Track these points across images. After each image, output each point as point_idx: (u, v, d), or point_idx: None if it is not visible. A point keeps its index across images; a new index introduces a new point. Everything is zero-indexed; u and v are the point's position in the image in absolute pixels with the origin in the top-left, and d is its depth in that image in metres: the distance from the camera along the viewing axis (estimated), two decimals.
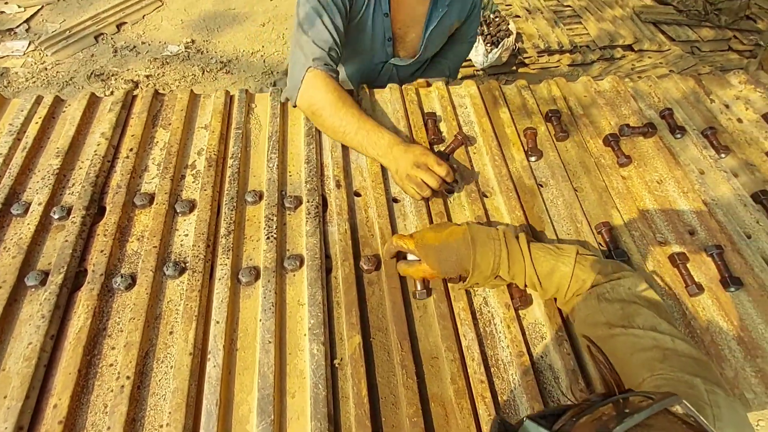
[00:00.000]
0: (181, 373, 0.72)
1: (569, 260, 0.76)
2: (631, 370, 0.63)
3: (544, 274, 0.76)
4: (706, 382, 0.57)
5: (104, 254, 0.83)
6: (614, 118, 1.19)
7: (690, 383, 0.57)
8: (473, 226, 0.80)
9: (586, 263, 0.76)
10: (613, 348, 0.67)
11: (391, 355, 0.77)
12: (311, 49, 1.07)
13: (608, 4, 3.36)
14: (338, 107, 1.01)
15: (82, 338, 0.74)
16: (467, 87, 1.23)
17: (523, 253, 0.77)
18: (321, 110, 1.02)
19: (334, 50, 1.10)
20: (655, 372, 0.60)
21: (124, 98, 1.09)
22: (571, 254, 0.77)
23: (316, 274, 0.84)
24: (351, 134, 1.01)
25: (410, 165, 0.95)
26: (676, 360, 0.61)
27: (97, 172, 0.94)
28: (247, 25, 3.13)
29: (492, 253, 0.76)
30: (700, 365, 0.61)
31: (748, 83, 1.33)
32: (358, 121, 1.01)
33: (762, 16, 3.46)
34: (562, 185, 1.04)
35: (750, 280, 0.91)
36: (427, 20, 1.30)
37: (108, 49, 2.82)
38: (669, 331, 0.66)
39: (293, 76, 1.08)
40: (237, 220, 0.92)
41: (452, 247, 0.77)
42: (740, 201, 1.05)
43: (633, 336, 0.66)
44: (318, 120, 1.05)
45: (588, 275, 0.75)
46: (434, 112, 1.17)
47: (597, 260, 0.77)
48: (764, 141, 1.18)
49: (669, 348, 0.63)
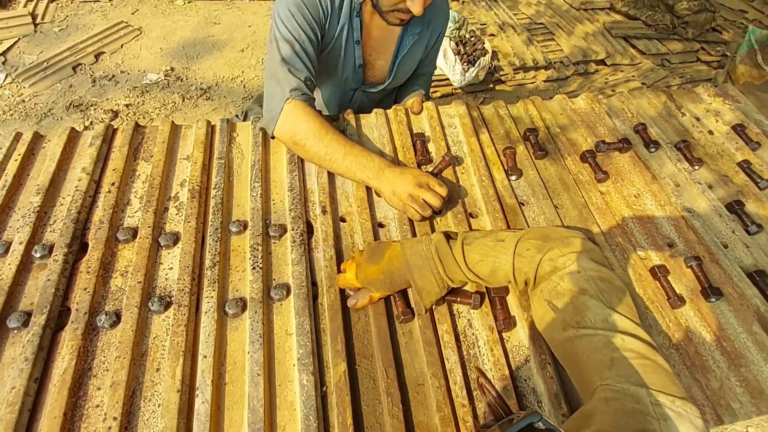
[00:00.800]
0: (170, 411, 0.71)
1: (507, 257, 0.76)
2: (589, 373, 0.64)
3: (486, 275, 0.78)
4: (650, 394, 0.58)
5: (88, 292, 0.83)
6: (590, 135, 1.22)
7: (636, 397, 0.58)
8: (407, 248, 0.81)
9: (526, 253, 0.75)
10: (572, 351, 0.68)
11: (377, 383, 0.77)
12: (287, 80, 1.07)
13: (579, 21, 3.46)
14: (322, 135, 1.03)
15: (67, 380, 0.73)
16: (456, 107, 1.26)
17: (458, 261, 0.78)
18: (304, 139, 1.03)
19: (309, 80, 1.11)
20: (603, 381, 0.61)
21: (105, 132, 1.09)
22: (509, 248, 0.76)
23: (304, 303, 0.84)
24: (338, 160, 1.02)
25: (412, 185, 0.96)
26: (622, 367, 0.62)
27: (79, 208, 0.94)
28: (226, 52, 3.15)
29: (430, 272, 0.78)
30: (645, 368, 0.61)
31: (716, 96, 1.38)
32: (344, 146, 1.02)
33: (727, 27, 3.59)
34: (543, 203, 1.06)
35: (729, 289, 0.94)
36: (398, 47, 1.33)
37: (87, 79, 2.81)
38: (619, 325, 0.66)
39: (270, 108, 1.09)
40: (222, 251, 0.91)
41: (395, 272, 0.81)
42: (716, 212, 1.08)
43: (586, 337, 0.66)
44: (302, 149, 1.05)
45: (530, 266, 0.75)
46: (423, 132, 1.18)
47: (539, 245, 0.76)
48: (735, 152, 1.22)
49: (617, 348, 0.63)
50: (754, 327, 0.89)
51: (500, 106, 1.29)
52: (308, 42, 1.12)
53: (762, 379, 0.83)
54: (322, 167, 1.06)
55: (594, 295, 0.69)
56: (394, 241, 0.88)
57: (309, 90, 1.11)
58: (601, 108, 1.30)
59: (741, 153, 1.22)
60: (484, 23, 3.40)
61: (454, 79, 2.81)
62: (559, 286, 0.72)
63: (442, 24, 1.39)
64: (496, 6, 3.60)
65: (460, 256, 0.78)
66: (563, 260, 0.74)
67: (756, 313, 0.91)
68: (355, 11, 1.19)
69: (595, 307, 0.68)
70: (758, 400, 0.81)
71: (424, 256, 0.80)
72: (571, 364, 0.70)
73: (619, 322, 0.67)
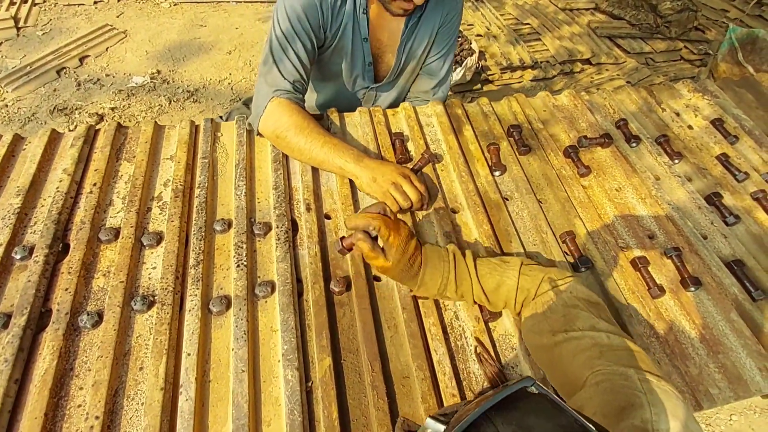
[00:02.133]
0: (153, 410, 0.70)
1: (513, 273, 0.79)
2: (576, 372, 0.66)
3: (491, 289, 0.80)
4: (639, 371, 0.60)
5: (69, 292, 0.82)
6: (572, 131, 1.23)
7: (624, 375, 0.60)
8: (426, 247, 0.83)
9: (530, 273, 0.79)
10: (559, 355, 0.70)
11: (362, 377, 0.77)
12: (276, 81, 1.10)
13: (565, 22, 3.49)
14: (302, 127, 1.04)
15: (48, 380, 0.72)
16: (433, 106, 1.26)
17: (470, 272, 0.81)
18: (285, 131, 1.04)
19: (299, 82, 1.12)
20: (594, 369, 0.63)
21: (87, 133, 1.08)
22: (515, 267, 0.80)
23: (288, 300, 0.84)
24: (317, 150, 1.03)
25: (396, 174, 0.99)
26: (611, 354, 0.65)
27: (60, 209, 0.93)
28: (213, 54, 3.14)
29: (440, 275, 0.80)
30: (632, 356, 0.64)
31: (696, 92, 1.40)
32: (324, 136, 1.04)
33: (709, 26, 3.64)
34: (527, 198, 1.07)
35: (708, 279, 0.95)
36: (402, 36, 1.28)
37: (71, 83, 2.79)
38: (605, 328, 0.69)
39: (257, 105, 1.10)
40: (206, 249, 0.91)
41: (416, 263, 0.81)
42: (695, 204, 1.09)
43: (574, 339, 0.69)
44: (283, 142, 1.06)
45: (532, 284, 0.78)
46: (401, 132, 1.19)
47: (540, 268, 0.81)
48: (714, 146, 1.24)
49: (605, 344, 0.67)
50: (732, 315, 0.90)
51: (484, 103, 1.30)
52: (302, 48, 1.12)
53: (739, 366, 0.84)
54: (303, 160, 1.07)
55: (584, 309, 0.73)
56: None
57: (298, 91, 1.12)
58: (583, 104, 1.32)
59: (719, 146, 1.24)
60: (471, 24, 3.42)
61: None
62: (552, 301, 0.75)
63: (449, 10, 1.30)
64: (482, 6, 3.63)
65: (471, 266, 0.81)
66: (560, 282, 0.78)
67: (734, 301, 0.93)
68: (361, 8, 1.18)
69: (585, 317, 0.72)
70: (736, 386, 0.82)
71: (442, 257, 0.81)
72: (556, 367, 0.72)
73: (605, 326, 0.70)
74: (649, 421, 0.52)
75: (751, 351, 0.86)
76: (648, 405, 0.54)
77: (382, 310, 0.87)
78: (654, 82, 3.10)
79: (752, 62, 2.79)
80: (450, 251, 0.83)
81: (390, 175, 0.99)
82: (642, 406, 0.54)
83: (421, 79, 1.44)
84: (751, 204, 1.12)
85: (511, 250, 0.97)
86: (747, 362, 0.85)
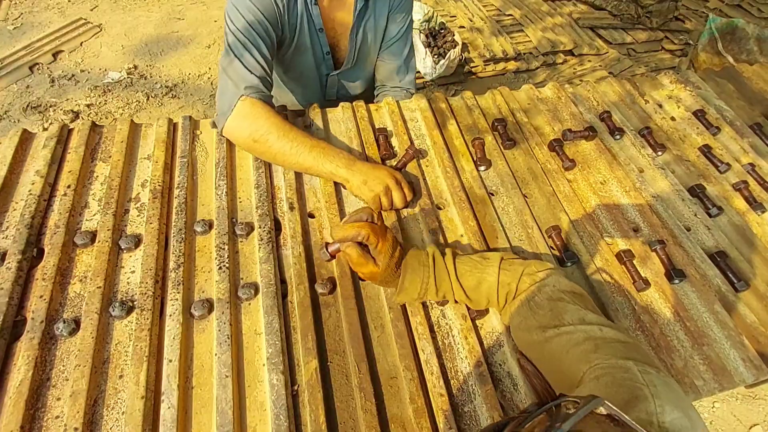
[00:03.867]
0: (134, 419, 0.68)
1: (493, 270, 0.79)
2: (571, 366, 0.65)
3: (471, 287, 0.79)
4: (638, 363, 0.60)
5: (44, 299, 0.79)
6: (557, 124, 1.23)
7: (624, 367, 0.60)
8: (410, 253, 0.83)
9: (510, 268, 0.79)
10: (550, 350, 0.70)
11: (349, 379, 0.76)
12: (243, 77, 1.04)
13: (548, 13, 3.49)
14: (285, 130, 1.00)
15: (24, 391, 0.70)
16: (417, 101, 1.25)
17: (449, 272, 0.80)
18: (266, 135, 1.00)
19: (265, 79, 1.08)
20: (591, 363, 0.63)
21: (59, 133, 1.04)
22: (495, 263, 0.80)
23: (272, 302, 0.83)
24: (304, 154, 0.99)
25: (390, 178, 0.98)
26: (607, 348, 0.64)
27: (33, 212, 0.90)
28: (192, 48, 3.07)
29: (420, 279, 0.80)
30: (628, 348, 0.64)
31: (678, 83, 1.40)
32: (310, 140, 1.01)
33: (690, 16, 3.67)
34: (512, 193, 1.06)
35: (692, 271, 0.96)
36: (354, 22, 1.28)
37: (45, 79, 2.71)
38: (596, 321, 0.70)
39: (221, 105, 1.04)
40: (186, 252, 0.89)
41: (398, 267, 0.81)
42: (678, 196, 1.10)
43: (565, 334, 0.68)
44: (262, 147, 1.01)
45: (513, 278, 0.78)
46: (385, 127, 1.17)
47: (521, 262, 0.81)
48: (696, 137, 1.25)
49: (599, 337, 0.66)
50: (715, 306, 0.91)
51: (468, 97, 1.28)
52: (261, 41, 1.09)
53: (723, 357, 0.85)
54: (285, 164, 1.03)
55: (570, 302, 0.73)
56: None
57: (265, 88, 1.07)
58: (567, 97, 1.31)
59: (702, 138, 1.25)
60: (454, 15, 3.40)
61: (425, 71, 2.80)
62: (536, 296, 0.75)
63: None
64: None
65: (451, 266, 0.81)
66: (541, 275, 0.77)
67: (717, 292, 0.94)
68: (311, 0, 1.18)
69: (573, 310, 0.72)
70: (720, 377, 0.83)
71: (422, 262, 0.81)
72: (550, 363, 0.72)
73: (595, 319, 0.70)
74: (654, 413, 0.52)
75: (734, 342, 0.87)
76: (652, 397, 0.54)
77: (369, 310, 0.85)
78: (636, 73, 3.12)
79: (731, 52, 2.82)
80: (429, 254, 0.83)
81: (381, 180, 0.97)
82: (646, 398, 0.54)
83: (383, 64, 1.45)
84: (733, 195, 1.13)
85: (497, 246, 0.96)
86: (731, 353, 0.86)
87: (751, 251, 1.03)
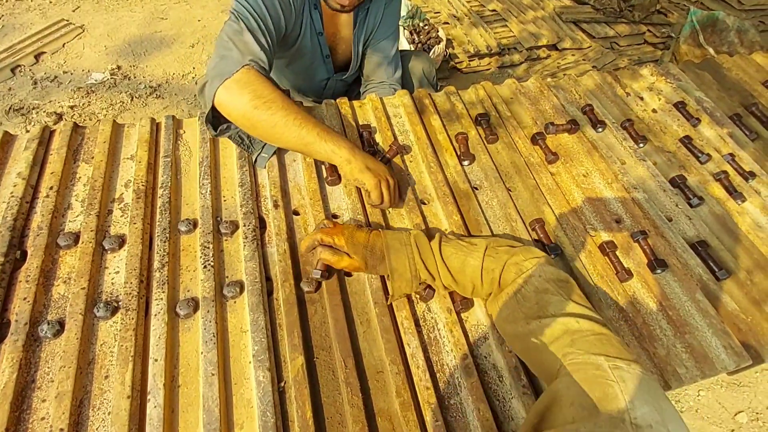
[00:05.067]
0: (120, 419, 0.68)
1: (478, 254, 0.81)
2: (550, 359, 0.67)
3: (456, 269, 0.81)
4: (609, 358, 0.62)
5: (27, 301, 0.79)
6: (540, 117, 1.24)
7: (596, 364, 0.61)
8: (387, 233, 0.86)
9: (495, 254, 0.81)
10: (534, 344, 0.71)
11: (336, 374, 0.77)
12: (251, 49, 0.99)
13: (530, 7, 3.50)
14: (289, 104, 0.96)
15: (8, 394, 0.70)
16: (401, 97, 1.25)
17: (434, 252, 0.82)
18: (269, 104, 0.94)
19: (269, 64, 1.04)
20: (566, 359, 0.64)
21: (41, 134, 1.03)
22: (481, 248, 0.82)
23: (258, 299, 0.83)
24: (308, 127, 0.95)
25: (387, 174, 0.99)
26: (582, 342, 0.66)
27: (15, 214, 0.89)
28: (175, 48, 3.05)
29: (405, 256, 0.82)
30: (602, 342, 0.66)
31: (658, 75, 1.42)
32: (314, 119, 0.99)
33: (671, 10, 3.71)
34: (496, 186, 1.07)
35: (674, 261, 0.97)
36: (356, 30, 1.33)
37: (27, 81, 2.67)
38: (576, 311, 0.71)
39: (221, 68, 0.96)
40: (171, 251, 0.89)
41: (376, 248, 0.84)
42: (660, 187, 1.11)
43: (546, 326, 0.70)
44: (262, 114, 0.93)
45: (497, 264, 0.79)
46: (369, 123, 1.17)
47: (507, 250, 0.82)
48: (677, 128, 1.27)
49: (575, 330, 0.68)
50: (697, 295, 0.93)
51: (451, 92, 1.29)
52: (272, 26, 1.07)
53: (705, 345, 0.87)
54: (281, 135, 0.96)
55: (554, 293, 0.74)
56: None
57: (268, 70, 1.03)
58: (549, 90, 1.32)
59: (682, 129, 1.26)
60: (438, 11, 3.41)
61: None
62: (523, 288, 0.76)
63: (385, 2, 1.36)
64: None
65: (436, 247, 0.83)
66: (527, 264, 0.78)
67: (699, 281, 0.95)
68: (312, 4, 1.20)
69: (556, 301, 0.73)
70: (702, 365, 0.84)
71: (404, 242, 0.84)
72: (532, 355, 0.73)
73: (575, 308, 0.72)
74: (625, 411, 0.53)
75: (716, 330, 0.89)
76: (621, 394, 0.55)
77: (354, 305, 0.86)
78: (619, 66, 3.14)
79: (713, 44, 2.85)
80: (411, 234, 0.85)
81: (382, 170, 0.98)
82: (616, 396, 0.55)
83: (371, 58, 1.47)
84: (713, 185, 1.14)
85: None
86: (713, 341, 0.87)
87: (731, 240, 1.05)
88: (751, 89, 1.42)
